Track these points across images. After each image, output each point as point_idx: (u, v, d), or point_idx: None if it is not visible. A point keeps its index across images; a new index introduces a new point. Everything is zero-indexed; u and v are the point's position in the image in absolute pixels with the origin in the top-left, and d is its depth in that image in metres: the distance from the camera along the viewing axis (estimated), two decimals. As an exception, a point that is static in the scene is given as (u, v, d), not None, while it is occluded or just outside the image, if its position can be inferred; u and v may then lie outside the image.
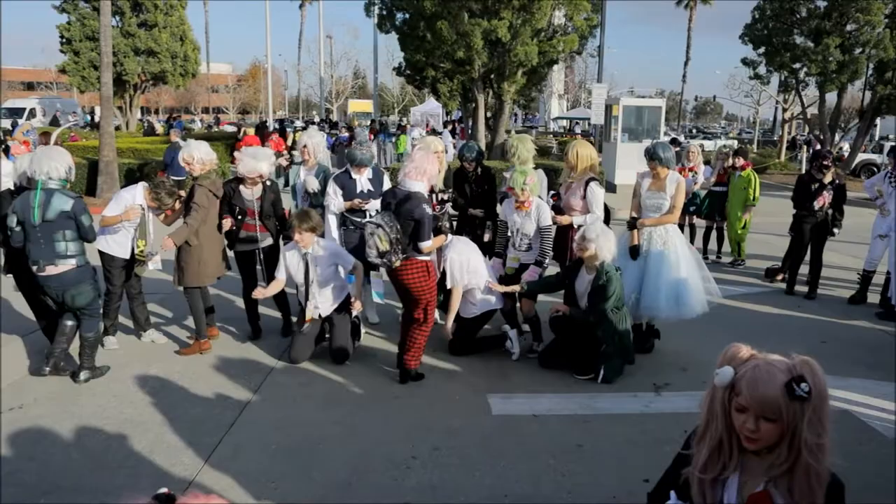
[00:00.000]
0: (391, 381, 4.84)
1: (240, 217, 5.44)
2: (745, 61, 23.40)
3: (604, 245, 4.68)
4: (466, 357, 5.25)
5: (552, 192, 5.85)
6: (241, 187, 5.44)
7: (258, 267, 5.67)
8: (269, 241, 5.58)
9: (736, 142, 31.58)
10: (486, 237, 6.02)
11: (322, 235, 5.24)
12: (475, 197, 6.09)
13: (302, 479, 3.50)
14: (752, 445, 1.48)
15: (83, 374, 4.72)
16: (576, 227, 5.30)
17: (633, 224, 5.35)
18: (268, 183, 5.52)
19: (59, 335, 4.82)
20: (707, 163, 9.78)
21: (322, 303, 5.16)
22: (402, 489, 3.43)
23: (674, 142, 14.03)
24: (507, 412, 4.35)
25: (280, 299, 5.69)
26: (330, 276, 5.14)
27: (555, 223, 5.33)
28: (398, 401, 4.51)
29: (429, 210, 4.49)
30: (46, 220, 4.39)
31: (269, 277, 5.58)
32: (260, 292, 5.20)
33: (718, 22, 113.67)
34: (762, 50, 21.95)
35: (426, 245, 4.51)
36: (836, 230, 7.27)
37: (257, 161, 5.34)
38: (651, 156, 5.23)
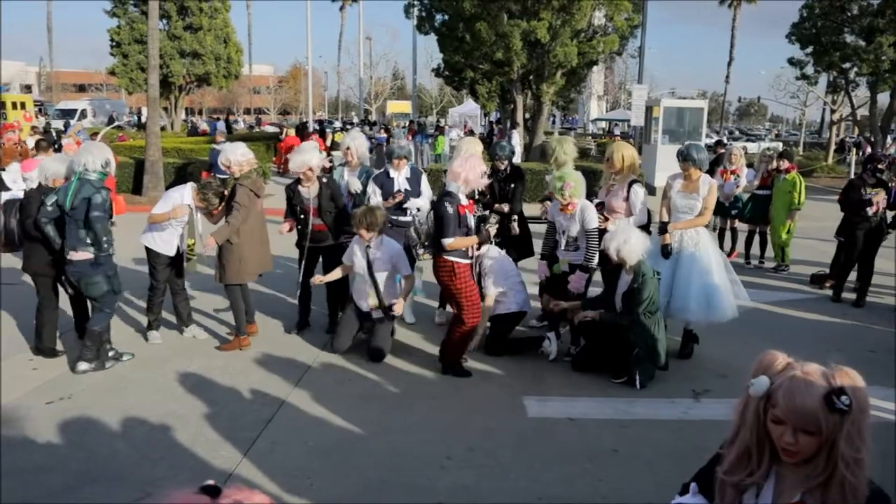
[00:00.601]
0: (427, 381, 4.86)
1: (302, 216, 5.62)
2: (791, 61, 22.82)
3: (622, 247, 4.62)
4: (502, 359, 5.25)
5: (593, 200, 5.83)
6: (300, 187, 5.62)
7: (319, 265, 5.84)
8: (328, 241, 5.69)
9: (780, 144, 30.72)
10: (514, 230, 6.02)
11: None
12: (503, 195, 6.11)
13: (337, 477, 3.53)
14: (791, 459, 1.42)
15: (81, 365, 4.83)
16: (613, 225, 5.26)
17: (663, 229, 5.27)
18: (324, 180, 5.67)
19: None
20: (750, 165, 9.56)
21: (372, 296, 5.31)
22: (436, 489, 3.44)
23: (719, 143, 13.62)
24: (543, 415, 4.32)
25: (332, 297, 5.80)
26: (385, 274, 5.25)
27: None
28: (434, 401, 4.52)
29: (450, 209, 4.61)
30: (74, 206, 4.64)
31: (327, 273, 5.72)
32: (318, 279, 5.46)
33: (764, 21, 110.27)
34: (810, 49, 21.37)
35: (446, 242, 4.63)
36: (891, 231, 7.07)
37: (303, 154, 5.49)
38: (685, 157, 5.17)
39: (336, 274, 5.53)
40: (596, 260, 5.17)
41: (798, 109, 42.50)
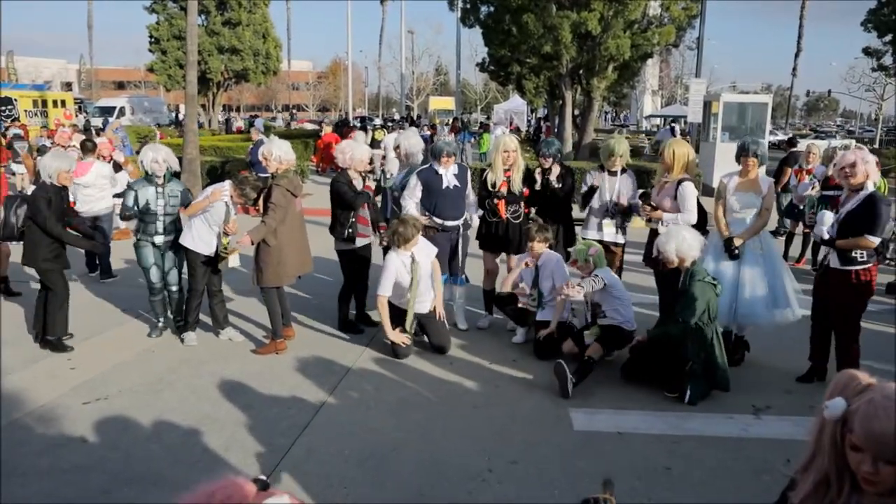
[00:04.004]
0: (468, 389, 4.70)
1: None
2: (867, 51, 21.72)
3: (681, 245, 4.41)
4: (548, 368, 5.02)
5: (641, 190, 5.66)
6: (352, 181, 5.70)
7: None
8: (369, 235, 5.73)
9: (854, 141, 29.12)
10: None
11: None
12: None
13: (373, 487, 3.43)
14: (872, 489, 1.28)
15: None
16: (664, 225, 5.05)
17: (729, 245, 4.95)
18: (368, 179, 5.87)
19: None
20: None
21: (420, 302, 5.28)
22: (476, 503, 3.30)
23: (790, 142, 12.87)
24: (590, 428, 4.11)
25: (360, 295, 5.85)
26: (427, 275, 5.29)
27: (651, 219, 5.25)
28: (476, 410, 4.36)
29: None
30: None
31: (356, 277, 5.79)
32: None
33: (836, 8, 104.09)
34: (889, 37, 20.20)
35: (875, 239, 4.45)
36: None
37: (361, 147, 5.82)
38: (753, 152, 4.91)
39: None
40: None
41: (874, 103, 40.47)
